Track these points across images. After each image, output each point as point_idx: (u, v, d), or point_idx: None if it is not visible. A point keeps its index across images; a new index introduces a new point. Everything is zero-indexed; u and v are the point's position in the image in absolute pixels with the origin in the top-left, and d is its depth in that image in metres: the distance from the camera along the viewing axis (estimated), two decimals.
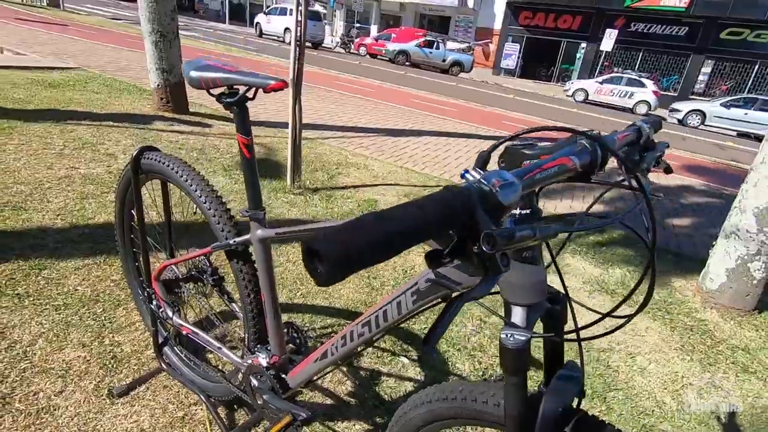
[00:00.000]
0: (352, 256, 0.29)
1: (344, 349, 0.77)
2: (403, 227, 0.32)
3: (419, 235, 0.33)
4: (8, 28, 7.92)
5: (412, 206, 0.33)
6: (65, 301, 1.51)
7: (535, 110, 10.10)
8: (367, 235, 0.30)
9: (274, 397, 0.91)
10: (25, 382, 1.20)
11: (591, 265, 2.57)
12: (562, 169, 0.49)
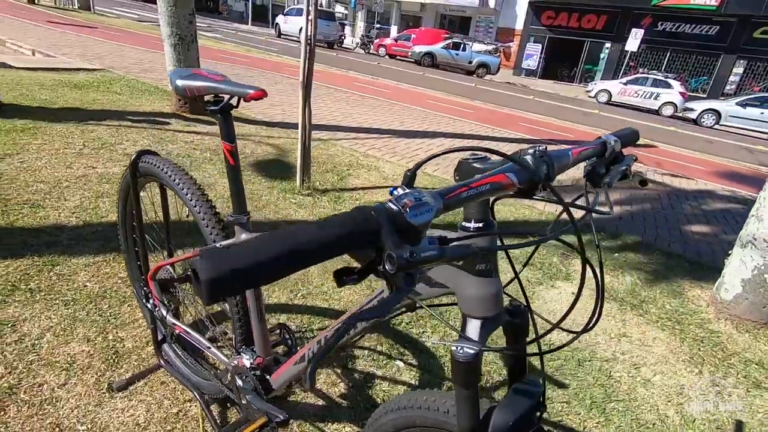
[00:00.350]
0: (229, 277, 0.30)
1: (320, 352, 0.78)
2: (301, 247, 0.33)
3: (318, 254, 0.34)
4: (40, 31, 8.25)
5: (314, 226, 0.34)
6: (74, 297, 1.57)
7: (555, 111, 9.93)
8: (256, 255, 0.31)
9: (256, 397, 0.93)
10: (31, 374, 1.26)
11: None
12: (495, 187, 0.49)
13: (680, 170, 5.75)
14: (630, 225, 3.41)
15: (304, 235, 0.33)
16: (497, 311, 0.57)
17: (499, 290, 0.58)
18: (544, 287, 2.26)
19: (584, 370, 1.70)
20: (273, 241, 0.32)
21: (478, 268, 0.55)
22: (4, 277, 1.60)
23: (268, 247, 0.32)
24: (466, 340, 0.55)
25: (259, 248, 0.32)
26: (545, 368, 1.67)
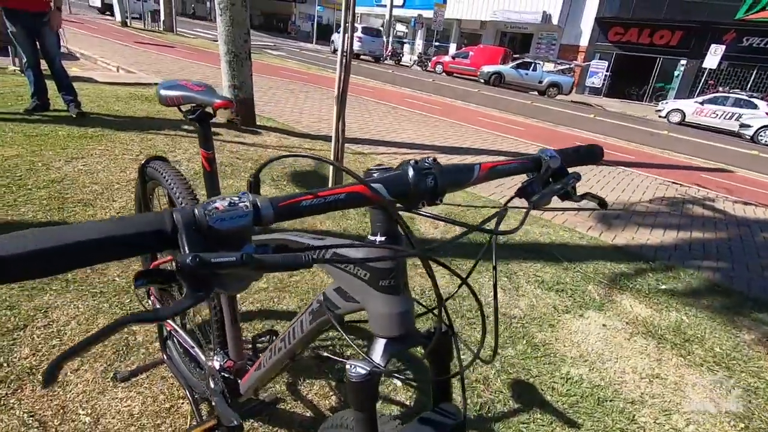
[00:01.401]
0: (15, 260, 0.30)
1: (271, 361, 0.78)
2: (79, 243, 0.32)
3: (105, 251, 0.33)
4: (127, 50, 9.23)
5: (107, 222, 0.34)
6: (102, 290, 1.70)
7: (618, 131, 9.38)
8: (20, 247, 0.31)
9: (221, 399, 0.94)
10: (51, 357, 1.37)
11: (641, 305, 2.30)
12: (353, 197, 0.45)
13: (757, 198, 5.17)
14: (686, 255, 3.11)
15: (89, 230, 0.33)
16: (403, 332, 0.54)
17: (407, 310, 0.54)
18: (571, 316, 2.11)
19: (603, 411, 1.55)
20: (52, 233, 0.32)
21: (381, 284, 0.53)
22: None
23: (44, 240, 0.32)
24: (360, 360, 0.52)
25: (29, 242, 0.31)
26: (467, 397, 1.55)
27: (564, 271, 2.55)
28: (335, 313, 0.59)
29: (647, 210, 4.04)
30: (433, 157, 0.51)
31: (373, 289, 0.53)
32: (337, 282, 0.59)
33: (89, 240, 0.33)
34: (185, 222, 0.36)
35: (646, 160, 6.69)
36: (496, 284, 0.54)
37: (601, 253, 2.93)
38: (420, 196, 0.48)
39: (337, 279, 0.59)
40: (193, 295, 0.36)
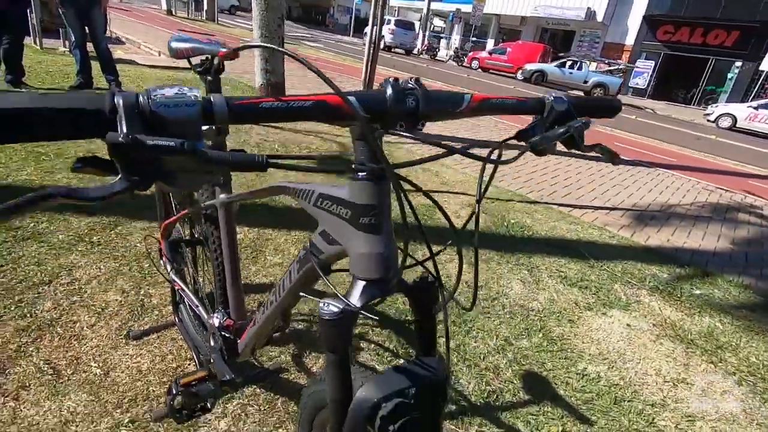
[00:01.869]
0: None
1: (264, 316, 0.76)
2: (11, 110, 0.31)
3: (33, 125, 0.31)
4: (169, 36, 9.53)
5: (34, 94, 0.32)
6: (123, 254, 1.76)
7: (659, 133, 8.93)
8: None
9: (218, 356, 0.94)
10: (72, 312, 1.42)
11: (671, 308, 2.17)
12: (321, 107, 0.41)
13: None
14: (726, 263, 2.91)
15: (24, 98, 0.32)
16: (383, 275, 0.50)
17: (389, 252, 0.51)
18: (593, 313, 2.01)
19: (620, 410, 1.47)
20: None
21: (362, 221, 0.50)
22: (75, 229, 1.84)
23: None
24: (334, 298, 0.50)
25: None
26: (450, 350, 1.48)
27: (590, 268, 2.44)
28: (319, 258, 0.57)
29: (686, 213, 3.82)
30: (416, 77, 0.48)
31: (354, 228, 0.50)
32: (322, 224, 0.57)
33: (22, 108, 0.31)
34: (126, 104, 0.34)
35: (689, 163, 6.33)
36: (478, 222, 0.50)
37: (632, 253, 2.79)
38: (398, 116, 0.45)
39: (322, 221, 0.56)
40: (127, 179, 0.35)
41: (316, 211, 0.56)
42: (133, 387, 1.20)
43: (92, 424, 1.08)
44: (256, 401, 1.23)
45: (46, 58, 5.10)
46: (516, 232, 2.75)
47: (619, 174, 4.78)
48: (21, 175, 2.21)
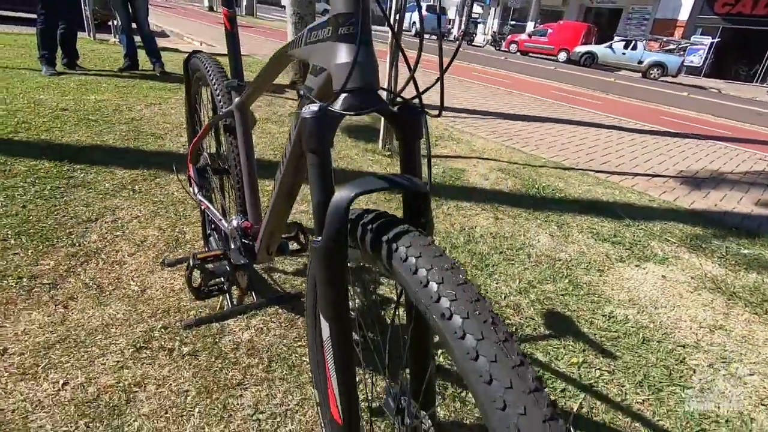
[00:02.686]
0: None
1: (273, 203, 0.80)
2: None
3: None
4: (210, 29, 9.91)
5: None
6: (162, 200, 1.88)
7: (715, 109, 8.32)
8: None
9: (237, 253, 1.00)
10: (114, 244, 1.55)
11: (714, 264, 2.05)
12: None
13: None
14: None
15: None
16: (362, 84, 0.52)
17: (366, 61, 0.52)
18: (625, 265, 1.94)
19: (648, 348, 1.41)
20: None
21: (341, 32, 0.51)
22: (119, 179, 1.99)
23: None
24: (317, 102, 0.52)
25: None
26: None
27: (625, 227, 2.35)
28: (310, 96, 0.59)
29: (739, 180, 3.56)
30: None
31: (334, 42, 0.52)
32: (312, 60, 0.59)
33: None
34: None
35: (746, 136, 5.87)
36: None
37: (674, 215, 2.64)
38: None
39: (311, 57, 0.59)
40: None
41: (308, 50, 0.59)
42: (166, 302, 1.30)
43: (129, 328, 1.18)
44: (278, 319, 1.29)
45: (99, 47, 5.46)
46: (547, 193, 2.68)
47: (665, 144, 4.52)
48: (74, 136, 2.40)
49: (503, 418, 0.32)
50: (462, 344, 0.36)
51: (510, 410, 0.32)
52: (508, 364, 0.34)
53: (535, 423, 0.32)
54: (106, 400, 0.98)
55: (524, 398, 0.33)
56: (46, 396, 0.97)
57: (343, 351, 0.53)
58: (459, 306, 0.37)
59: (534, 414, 0.32)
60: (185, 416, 0.97)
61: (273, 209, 0.82)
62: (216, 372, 1.08)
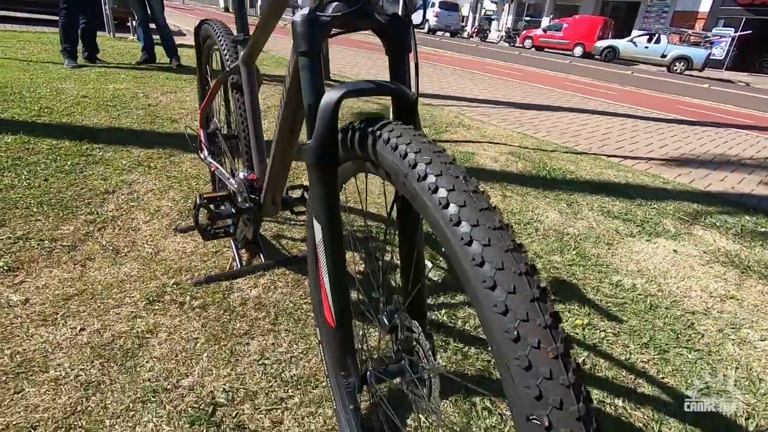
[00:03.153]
0: None
1: (273, 146, 0.83)
2: None
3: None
4: None
5: None
6: (176, 175, 1.94)
7: (737, 100, 8.10)
8: None
9: (243, 200, 1.03)
10: (130, 213, 1.61)
11: (728, 240, 2.02)
12: None
13: None
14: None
15: None
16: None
17: None
18: (635, 240, 1.92)
19: (655, 314, 1.40)
20: None
21: None
22: (135, 157, 2.05)
23: None
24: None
25: None
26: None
27: (637, 206, 2.32)
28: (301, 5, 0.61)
29: (759, 165, 3.48)
30: None
31: None
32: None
33: None
34: None
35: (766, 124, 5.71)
36: None
37: (689, 196, 2.60)
38: None
39: None
40: None
41: None
42: (178, 263, 1.34)
43: (143, 284, 1.23)
44: (285, 279, 1.32)
45: (118, 44, 5.62)
46: (557, 175, 2.67)
47: (682, 132, 4.43)
48: (93, 119, 2.48)
49: (491, 296, 0.33)
50: (456, 230, 0.36)
51: (499, 290, 0.33)
52: (502, 248, 0.35)
53: (523, 301, 0.32)
54: (120, 344, 1.02)
55: (515, 279, 0.34)
56: (64, 339, 1.02)
57: (334, 252, 0.56)
58: (444, 180, 0.39)
59: (523, 292, 0.33)
60: (194, 359, 1.01)
61: (275, 155, 0.85)
62: (224, 323, 1.12)
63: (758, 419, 1.05)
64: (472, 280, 0.35)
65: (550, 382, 0.30)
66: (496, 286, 0.33)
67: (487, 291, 0.34)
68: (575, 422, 0.29)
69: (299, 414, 0.91)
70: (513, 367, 0.31)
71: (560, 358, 0.31)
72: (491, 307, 0.33)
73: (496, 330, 0.33)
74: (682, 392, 1.10)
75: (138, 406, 0.88)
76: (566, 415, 0.29)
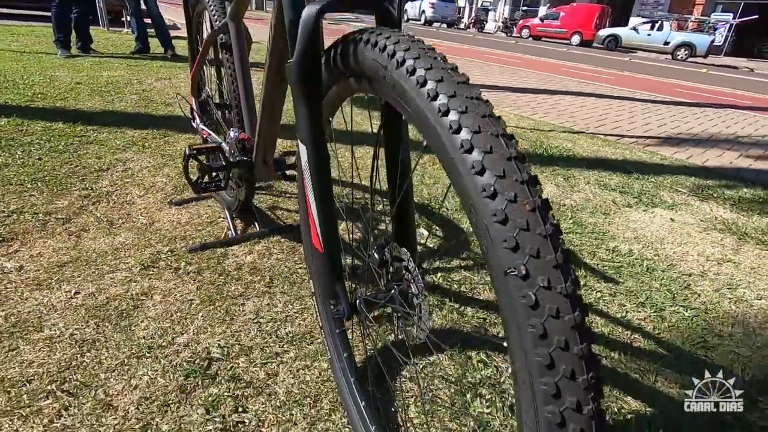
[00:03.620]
0: None
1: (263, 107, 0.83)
2: None
3: None
4: None
5: None
6: (170, 153, 1.93)
7: (737, 84, 8.07)
8: None
9: (234, 152, 1.02)
10: (125, 188, 1.60)
11: (726, 210, 2.01)
12: None
13: None
14: None
15: None
16: None
17: None
18: (632, 210, 1.91)
19: (652, 276, 1.40)
20: None
21: None
22: (130, 138, 2.05)
23: None
24: None
25: None
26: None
27: (634, 180, 2.31)
28: None
29: (756, 142, 3.47)
30: None
31: None
32: None
33: None
34: None
35: (765, 105, 5.69)
36: None
37: (686, 170, 2.59)
38: None
39: None
40: None
41: None
42: (173, 232, 1.34)
43: (137, 251, 1.23)
44: (279, 246, 1.32)
45: (112, 36, 5.59)
46: (554, 152, 2.66)
47: (680, 112, 4.42)
48: (87, 104, 2.47)
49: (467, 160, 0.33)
50: (445, 121, 0.36)
51: (476, 153, 0.33)
52: (489, 133, 0.35)
53: (499, 160, 0.32)
54: (115, 306, 1.02)
55: (491, 140, 0.33)
56: (58, 302, 1.02)
57: (320, 174, 0.55)
58: (422, 62, 0.38)
59: (500, 151, 0.32)
60: (189, 319, 1.00)
61: (264, 113, 0.84)
62: (219, 286, 1.12)
63: (754, 370, 1.05)
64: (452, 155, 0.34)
65: (526, 233, 0.30)
66: (473, 148, 0.33)
67: (464, 155, 0.33)
68: (552, 270, 0.29)
69: (294, 367, 0.91)
70: (491, 225, 0.31)
71: (537, 211, 0.31)
72: (469, 169, 0.33)
73: (473, 191, 0.32)
74: (678, 345, 1.11)
75: (133, 361, 0.88)
76: (543, 264, 0.29)
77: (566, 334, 0.28)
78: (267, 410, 0.81)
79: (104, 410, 0.78)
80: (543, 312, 0.29)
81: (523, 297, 0.29)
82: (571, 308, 0.29)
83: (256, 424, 0.78)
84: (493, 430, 0.82)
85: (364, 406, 0.76)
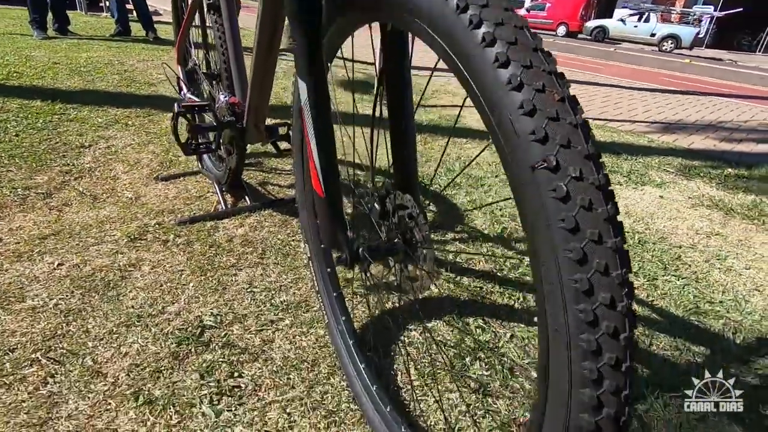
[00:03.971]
0: None
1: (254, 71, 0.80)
2: None
3: None
4: None
5: None
6: (155, 132, 1.87)
7: (719, 74, 8.21)
8: None
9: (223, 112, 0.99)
10: (108, 164, 1.55)
11: (713, 187, 2.04)
12: None
13: None
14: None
15: None
16: None
17: None
18: (622, 188, 1.93)
19: (644, 249, 1.42)
20: None
21: None
22: (112, 116, 1.98)
23: None
24: None
25: None
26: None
27: (623, 160, 2.33)
28: None
29: (738, 127, 3.53)
30: None
31: None
32: None
33: None
34: None
35: (748, 93, 5.80)
36: None
37: (672, 152, 2.63)
38: None
39: None
40: None
41: None
42: (160, 206, 1.30)
43: (123, 224, 1.19)
44: (272, 219, 1.29)
45: (91, 20, 5.41)
46: None
47: (665, 99, 4.47)
48: (66, 83, 2.38)
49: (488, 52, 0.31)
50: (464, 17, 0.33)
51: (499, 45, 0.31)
52: (513, 25, 0.32)
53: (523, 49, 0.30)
54: (102, 277, 0.98)
55: (515, 32, 0.31)
56: (41, 273, 0.98)
57: (320, 114, 0.53)
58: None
59: (524, 41, 0.31)
60: (180, 289, 0.97)
61: (255, 76, 0.81)
62: (210, 257, 1.09)
63: (744, 333, 1.07)
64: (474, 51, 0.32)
65: (556, 123, 0.28)
66: (495, 41, 0.31)
67: (486, 49, 0.31)
68: (584, 160, 0.28)
69: (290, 333, 0.89)
70: (515, 117, 0.29)
71: (566, 101, 0.29)
72: (491, 63, 0.31)
73: (496, 85, 0.31)
74: (671, 312, 1.12)
75: (122, 329, 0.85)
76: (574, 154, 0.28)
77: (599, 226, 0.27)
78: (264, 375, 0.79)
79: (93, 377, 0.75)
80: (575, 204, 0.27)
81: (554, 190, 0.28)
82: (603, 201, 0.28)
83: (253, 389, 0.76)
84: (494, 390, 0.82)
85: (363, 368, 0.75)
